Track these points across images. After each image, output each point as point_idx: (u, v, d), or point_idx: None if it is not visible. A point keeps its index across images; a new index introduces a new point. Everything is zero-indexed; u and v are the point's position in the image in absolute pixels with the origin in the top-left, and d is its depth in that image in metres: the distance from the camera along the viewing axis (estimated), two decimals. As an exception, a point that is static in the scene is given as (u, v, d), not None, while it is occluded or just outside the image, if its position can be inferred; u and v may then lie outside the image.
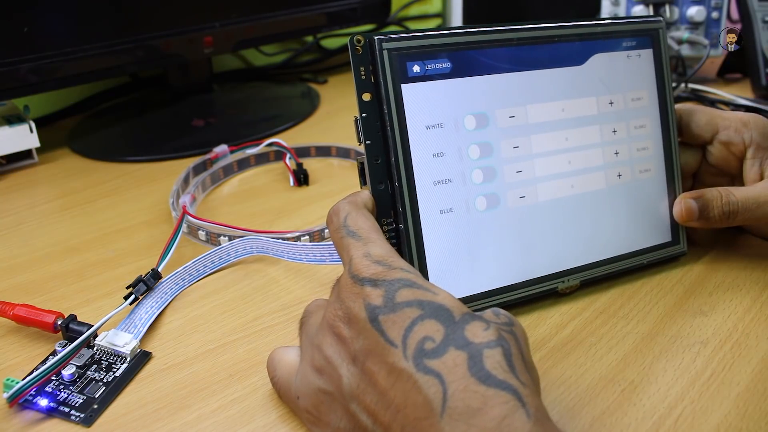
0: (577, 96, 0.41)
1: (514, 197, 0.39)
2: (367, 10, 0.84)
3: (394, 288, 0.28)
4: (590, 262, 0.41)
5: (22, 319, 0.38)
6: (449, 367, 0.25)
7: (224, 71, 0.92)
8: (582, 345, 0.37)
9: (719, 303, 0.40)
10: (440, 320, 0.27)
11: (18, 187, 0.60)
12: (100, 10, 0.64)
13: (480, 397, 0.24)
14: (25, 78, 0.60)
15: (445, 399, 0.25)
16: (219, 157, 0.59)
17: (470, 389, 0.25)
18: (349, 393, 0.28)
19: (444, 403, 0.25)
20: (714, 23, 0.81)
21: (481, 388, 0.25)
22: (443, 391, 0.25)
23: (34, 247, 0.49)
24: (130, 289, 0.40)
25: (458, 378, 0.25)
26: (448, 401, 0.25)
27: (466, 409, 0.24)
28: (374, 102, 0.36)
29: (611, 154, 0.42)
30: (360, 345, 0.28)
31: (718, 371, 0.34)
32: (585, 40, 0.41)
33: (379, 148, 0.36)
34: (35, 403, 0.33)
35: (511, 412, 0.24)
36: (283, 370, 0.32)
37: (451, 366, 0.25)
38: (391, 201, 0.36)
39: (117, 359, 0.37)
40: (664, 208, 0.44)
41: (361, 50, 0.36)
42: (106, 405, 0.34)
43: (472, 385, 0.25)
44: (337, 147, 0.63)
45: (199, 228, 0.48)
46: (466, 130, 0.38)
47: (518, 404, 0.24)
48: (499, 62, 0.39)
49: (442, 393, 0.25)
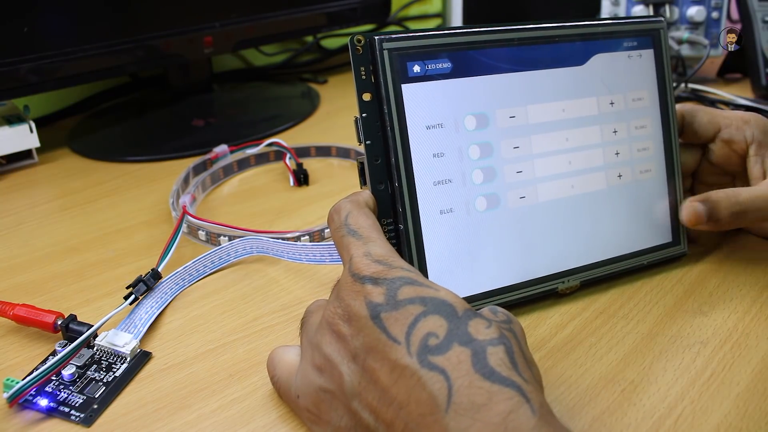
0: (578, 96, 0.41)
1: (515, 197, 0.39)
2: (367, 10, 0.84)
3: (395, 286, 0.28)
4: (590, 262, 0.41)
5: (22, 319, 0.38)
6: (454, 364, 0.25)
7: (224, 71, 0.92)
8: (582, 345, 0.37)
9: (719, 303, 0.40)
10: (443, 315, 0.27)
11: (18, 187, 0.60)
12: (100, 10, 0.64)
13: (485, 393, 0.24)
14: (25, 78, 0.60)
15: (450, 395, 0.25)
16: (219, 157, 0.59)
17: (475, 385, 0.25)
18: (351, 391, 0.28)
19: (449, 399, 0.25)
20: (714, 23, 0.81)
21: (486, 384, 0.25)
22: (448, 387, 0.25)
23: (34, 247, 0.49)
24: (130, 289, 0.40)
25: (463, 374, 0.25)
26: (453, 397, 0.25)
27: (470, 405, 0.24)
28: (374, 102, 0.36)
29: (612, 154, 0.42)
30: (360, 342, 0.28)
31: (718, 371, 0.34)
32: (586, 41, 0.41)
33: (379, 148, 0.36)
34: (35, 403, 0.33)
35: (516, 408, 0.24)
36: (283, 370, 0.32)
37: (456, 362, 0.25)
38: (391, 201, 0.36)
39: (117, 359, 0.37)
40: (665, 208, 0.44)
41: (361, 50, 0.36)
42: (106, 405, 0.34)
43: (476, 381, 0.25)
44: (337, 147, 0.63)
45: (199, 228, 0.48)
46: (467, 131, 0.38)
47: (522, 400, 0.24)
48: (499, 62, 0.39)
49: (447, 389, 0.25)
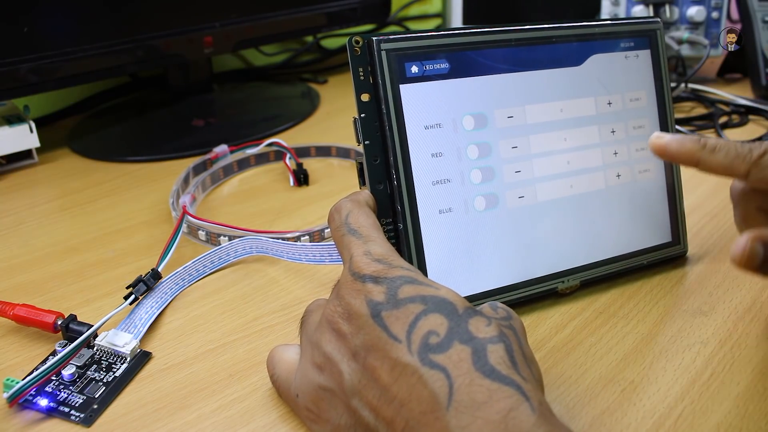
0: (576, 96, 0.41)
1: (513, 197, 0.39)
2: (367, 10, 0.84)
3: (396, 285, 0.28)
4: (590, 262, 0.41)
5: (22, 319, 0.38)
6: (454, 362, 0.26)
7: (224, 71, 0.92)
8: (582, 345, 0.37)
9: (719, 303, 0.40)
10: (444, 313, 0.27)
11: (18, 187, 0.60)
12: (100, 10, 0.64)
13: (485, 391, 0.25)
14: (25, 78, 0.60)
15: (451, 393, 0.25)
16: (219, 157, 0.59)
17: (475, 383, 0.25)
18: (351, 389, 0.28)
19: (450, 397, 0.25)
20: (714, 23, 0.81)
21: (486, 382, 0.25)
22: (449, 385, 0.25)
23: (34, 247, 0.49)
24: (130, 289, 0.40)
25: (463, 372, 0.25)
26: (454, 395, 0.25)
27: (471, 403, 0.24)
28: (373, 102, 0.36)
29: (610, 154, 0.42)
30: (361, 341, 0.28)
31: (718, 371, 0.34)
32: (583, 41, 0.41)
33: (378, 148, 0.36)
34: (35, 403, 0.33)
35: (516, 406, 0.24)
36: (282, 368, 0.32)
37: (456, 360, 0.26)
38: (390, 201, 0.36)
39: (117, 359, 0.37)
40: (664, 208, 0.44)
41: (359, 51, 0.36)
42: (106, 405, 0.34)
43: (477, 379, 0.25)
44: (337, 147, 0.63)
45: (199, 228, 0.48)
46: (465, 131, 0.38)
47: (522, 398, 0.25)
48: (497, 63, 0.39)
49: (448, 387, 0.25)
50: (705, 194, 0.54)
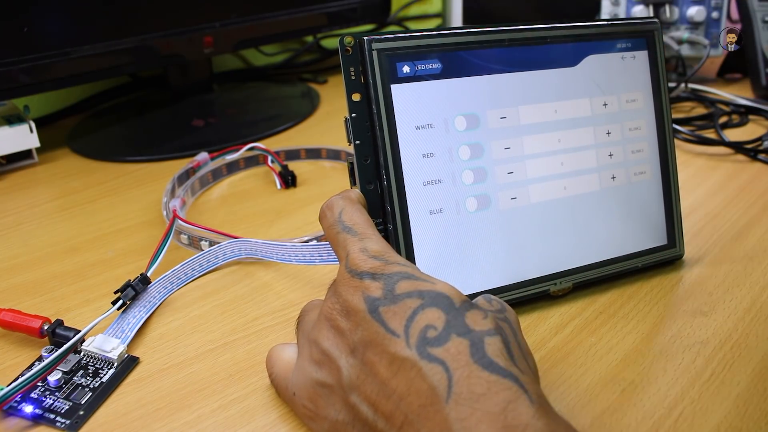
0: (570, 97, 0.41)
1: (506, 198, 0.39)
2: (367, 10, 0.84)
3: (393, 280, 0.29)
4: (583, 264, 0.41)
5: (8, 324, 0.38)
6: (453, 355, 0.26)
7: (224, 71, 0.92)
8: (582, 345, 0.37)
9: (719, 303, 0.40)
10: (441, 307, 0.27)
11: (18, 187, 0.60)
12: (99, 10, 0.64)
13: (484, 383, 0.25)
14: (24, 78, 0.60)
15: (450, 385, 0.25)
16: (201, 165, 0.58)
17: (474, 375, 0.25)
18: (349, 384, 0.28)
19: (449, 390, 0.25)
20: (714, 23, 0.81)
21: (485, 374, 0.25)
22: (448, 378, 0.25)
23: (33, 247, 0.49)
24: (118, 294, 0.40)
25: (462, 365, 0.25)
26: (453, 387, 0.25)
27: (470, 395, 0.25)
28: (364, 102, 0.36)
29: (605, 155, 0.42)
30: (359, 336, 0.28)
31: (718, 371, 0.34)
32: (578, 42, 0.41)
33: (369, 149, 0.36)
34: (20, 410, 0.33)
35: (515, 398, 0.24)
36: (280, 367, 0.33)
37: (455, 353, 0.26)
38: (380, 201, 0.36)
39: (104, 364, 0.36)
40: (660, 211, 0.43)
41: (350, 50, 0.36)
42: (92, 411, 0.33)
43: (475, 371, 0.25)
44: (327, 149, 0.63)
45: (187, 232, 0.47)
46: (457, 131, 0.38)
47: (521, 390, 0.25)
48: (490, 63, 0.38)
49: (447, 380, 0.25)
50: (704, 195, 0.54)
